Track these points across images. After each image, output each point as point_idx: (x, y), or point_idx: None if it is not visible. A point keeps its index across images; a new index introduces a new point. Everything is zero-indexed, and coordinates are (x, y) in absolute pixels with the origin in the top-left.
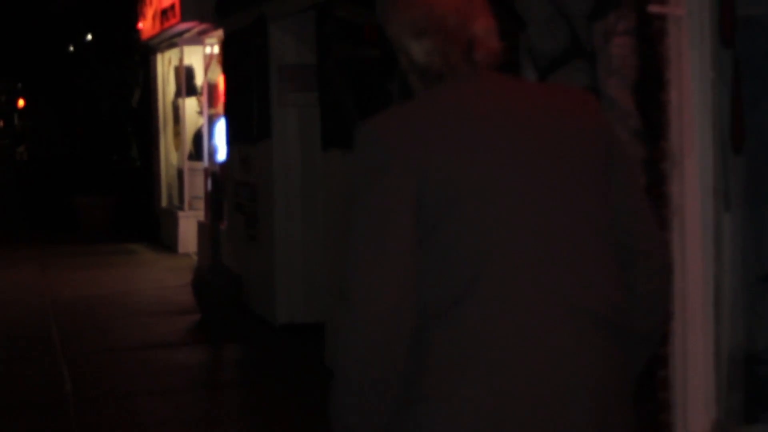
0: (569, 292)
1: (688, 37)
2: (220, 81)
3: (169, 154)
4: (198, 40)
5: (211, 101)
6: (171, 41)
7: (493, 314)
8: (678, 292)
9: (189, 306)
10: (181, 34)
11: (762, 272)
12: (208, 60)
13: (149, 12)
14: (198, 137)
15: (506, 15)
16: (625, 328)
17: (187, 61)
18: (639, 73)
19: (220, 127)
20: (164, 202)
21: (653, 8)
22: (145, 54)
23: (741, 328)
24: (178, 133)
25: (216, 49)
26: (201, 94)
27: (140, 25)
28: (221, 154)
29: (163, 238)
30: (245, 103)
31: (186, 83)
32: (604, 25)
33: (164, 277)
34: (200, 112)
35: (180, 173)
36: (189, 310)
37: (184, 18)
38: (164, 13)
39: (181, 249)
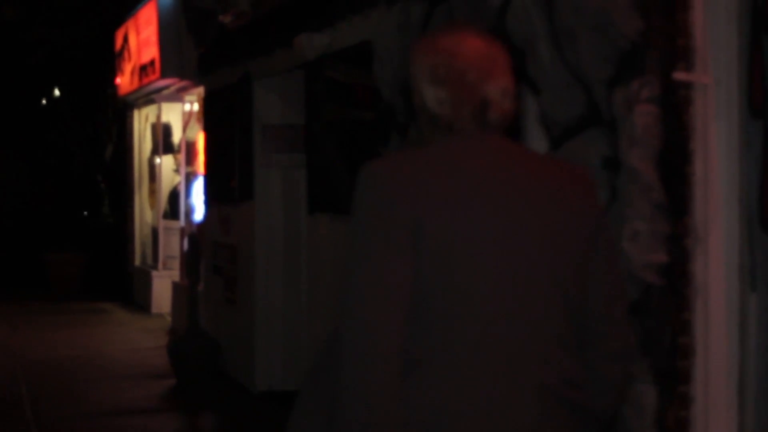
0: (537, 368)
1: (715, 106)
2: (200, 139)
3: (144, 212)
4: (177, 97)
5: (189, 159)
6: (149, 97)
7: (463, 381)
8: (700, 377)
9: (164, 370)
10: (159, 90)
11: None
12: (187, 117)
13: (127, 67)
14: (174, 196)
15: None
16: (582, 406)
17: (164, 118)
18: (663, 143)
19: (198, 187)
20: (137, 261)
21: (678, 75)
22: (121, 110)
23: (766, 417)
24: (153, 191)
25: (195, 107)
26: (178, 151)
27: (118, 80)
28: (198, 214)
29: (136, 298)
30: (226, 162)
31: (163, 140)
32: (626, 92)
33: (138, 338)
34: (177, 170)
35: (155, 232)
36: (164, 374)
37: (164, 74)
38: (143, 69)
39: (154, 309)
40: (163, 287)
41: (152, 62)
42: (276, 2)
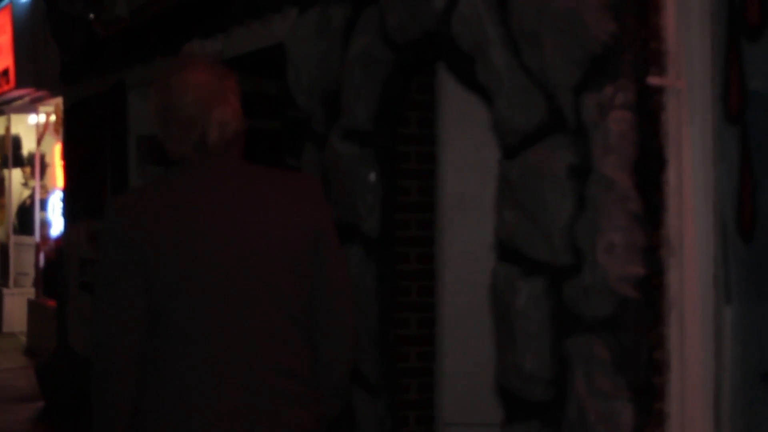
0: (250, 369)
1: (689, 111)
2: (56, 151)
3: None
4: (30, 107)
5: (42, 173)
6: None
7: (184, 381)
8: (676, 393)
9: (29, 392)
10: (11, 101)
11: (764, 370)
12: (42, 129)
13: None
14: (23, 210)
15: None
16: (311, 389)
17: (13, 130)
18: (638, 151)
19: (55, 201)
20: None
21: (653, 80)
22: None
23: (742, 430)
24: (2, 205)
25: (53, 118)
26: (28, 165)
27: None
28: (56, 229)
29: None
30: (95, 176)
31: (12, 153)
32: (598, 97)
33: None
34: (25, 184)
35: (3, 247)
36: (30, 397)
37: (20, 84)
38: None
39: (6, 328)
40: (15, 305)
41: (6, 72)
42: (157, 9)
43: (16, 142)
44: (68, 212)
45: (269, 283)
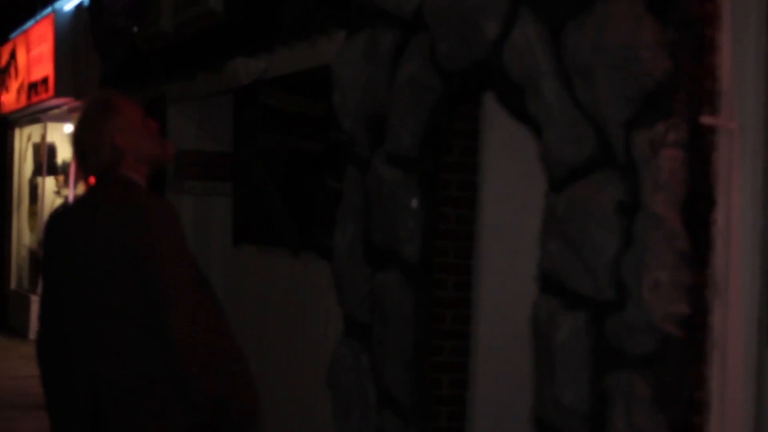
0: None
1: (740, 152)
2: None
3: (22, 234)
4: (66, 117)
5: (75, 182)
6: (34, 116)
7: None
8: None
9: None
10: (48, 109)
11: None
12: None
13: (13, 85)
14: None
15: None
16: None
17: (49, 139)
18: (688, 189)
19: None
20: (14, 284)
21: (705, 119)
22: (2, 129)
23: None
24: (34, 212)
25: None
26: (61, 173)
27: (2, 97)
28: None
29: (12, 323)
30: None
31: (47, 161)
32: (650, 134)
33: (18, 366)
34: (57, 192)
35: (33, 254)
36: None
37: (59, 93)
38: (33, 87)
39: (32, 335)
40: None
41: (45, 80)
42: (201, 25)
43: (51, 150)
44: None
45: (92, 329)
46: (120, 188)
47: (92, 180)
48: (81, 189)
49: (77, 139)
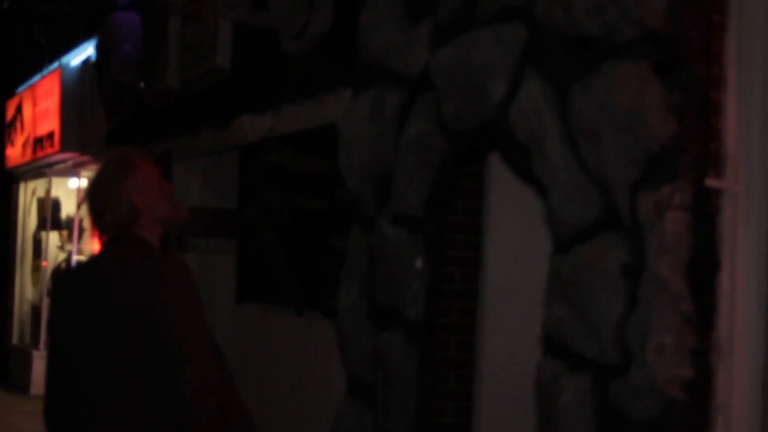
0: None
1: (745, 215)
2: None
3: (25, 289)
4: (71, 171)
5: (79, 237)
6: (39, 171)
7: None
8: None
9: None
10: (54, 164)
11: None
12: (83, 194)
13: (19, 139)
14: (57, 273)
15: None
16: None
17: (53, 193)
18: (693, 252)
19: None
20: (15, 339)
21: (711, 182)
22: (6, 182)
23: None
24: (37, 267)
25: None
26: (65, 228)
27: (7, 151)
28: None
29: (13, 378)
30: None
31: (51, 216)
32: (656, 197)
33: (17, 422)
34: (61, 247)
35: (35, 309)
36: None
37: (64, 148)
38: (39, 142)
39: (33, 390)
40: (44, 368)
41: (50, 135)
42: (208, 82)
43: (56, 205)
44: None
45: (102, 384)
46: (135, 247)
47: (104, 238)
48: (85, 244)
49: (93, 196)
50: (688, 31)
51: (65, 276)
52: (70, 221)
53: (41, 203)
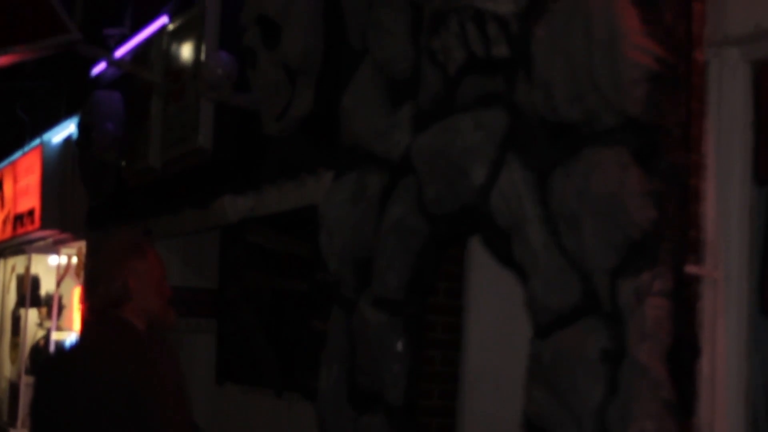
0: None
1: (724, 301)
2: (75, 294)
3: (3, 366)
4: (51, 249)
5: (59, 314)
6: (19, 248)
7: None
8: None
9: None
10: (34, 241)
11: None
12: (63, 271)
13: None
14: (37, 351)
15: (500, 259)
16: None
17: (33, 270)
18: (673, 338)
19: (70, 343)
20: None
21: (690, 269)
22: None
23: None
24: (16, 344)
25: (74, 260)
26: (44, 305)
27: None
28: None
29: None
30: None
31: (30, 293)
32: (636, 283)
33: None
34: (40, 324)
35: (14, 387)
36: None
37: (45, 225)
38: (19, 219)
39: None
40: None
41: (31, 212)
42: (190, 162)
43: (35, 282)
44: None
45: None
46: (118, 330)
47: (87, 316)
48: (64, 321)
49: (93, 267)
50: (667, 118)
51: (49, 360)
52: (49, 298)
53: (20, 280)
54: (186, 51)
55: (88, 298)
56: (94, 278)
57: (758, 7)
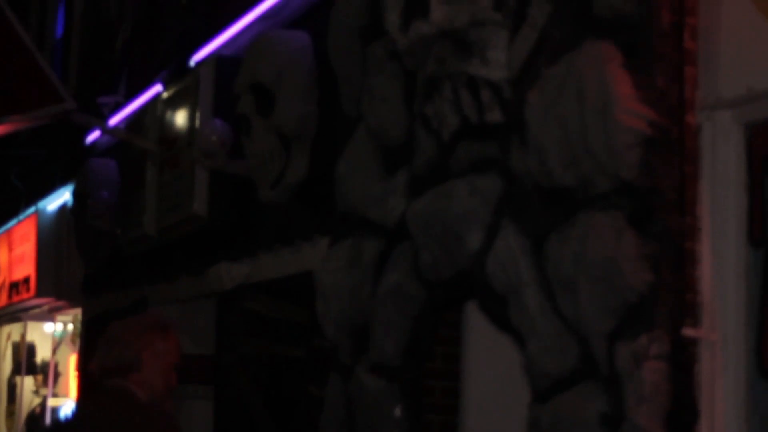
0: None
1: (722, 363)
2: (71, 361)
3: None
4: (48, 316)
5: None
6: (14, 315)
7: None
8: None
9: None
10: (29, 309)
11: None
12: (58, 338)
13: None
14: (33, 418)
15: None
16: None
17: (29, 338)
18: (671, 402)
19: (66, 410)
20: None
21: (687, 332)
22: None
23: None
24: (12, 412)
25: (70, 327)
26: (40, 372)
27: None
28: None
29: None
30: None
31: (26, 361)
32: (633, 346)
33: None
34: (36, 392)
35: None
36: None
37: (40, 293)
38: (14, 286)
39: None
40: None
41: (26, 280)
42: (185, 230)
43: (31, 349)
44: None
45: None
46: (121, 399)
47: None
48: (60, 389)
49: (113, 333)
50: (662, 182)
51: (49, 430)
52: (45, 366)
53: (16, 347)
54: (180, 118)
55: (97, 361)
56: (110, 341)
57: (750, 69)
